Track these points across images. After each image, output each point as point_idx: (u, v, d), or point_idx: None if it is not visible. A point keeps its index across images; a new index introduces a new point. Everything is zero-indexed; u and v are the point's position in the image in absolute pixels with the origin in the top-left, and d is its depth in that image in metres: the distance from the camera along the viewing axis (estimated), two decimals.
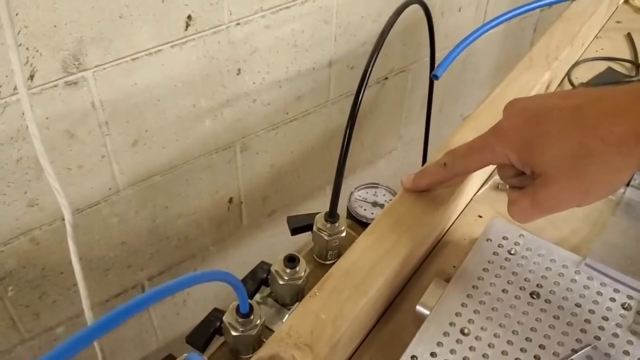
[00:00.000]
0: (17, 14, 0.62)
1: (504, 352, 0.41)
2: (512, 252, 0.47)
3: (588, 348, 0.41)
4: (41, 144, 0.54)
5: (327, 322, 0.40)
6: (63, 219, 0.80)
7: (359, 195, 0.57)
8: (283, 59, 0.90)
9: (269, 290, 0.47)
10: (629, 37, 0.79)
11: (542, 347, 0.41)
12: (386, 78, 1.09)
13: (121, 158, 0.81)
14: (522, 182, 0.42)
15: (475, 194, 0.56)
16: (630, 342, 0.42)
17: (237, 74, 0.86)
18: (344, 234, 0.48)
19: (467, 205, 0.55)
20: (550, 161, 0.38)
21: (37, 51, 0.66)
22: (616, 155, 0.36)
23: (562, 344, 0.42)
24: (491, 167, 0.57)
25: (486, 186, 0.57)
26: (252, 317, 0.42)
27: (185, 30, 0.76)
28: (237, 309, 0.42)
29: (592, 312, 0.44)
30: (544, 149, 0.38)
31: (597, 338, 0.42)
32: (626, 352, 0.41)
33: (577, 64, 0.73)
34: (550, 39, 0.68)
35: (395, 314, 0.47)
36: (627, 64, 0.73)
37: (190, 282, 0.33)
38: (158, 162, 0.85)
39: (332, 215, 0.48)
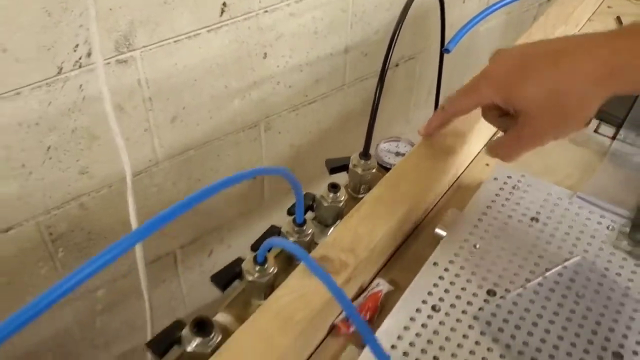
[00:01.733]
0: None
1: (510, 262, 0.50)
2: (515, 187, 0.56)
3: (577, 258, 0.50)
4: (111, 108, 0.63)
5: (363, 235, 0.48)
6: (110, 186, 0.89)
7: (384, 147, 0.66)
8: (304, 44, 0.99)
9: (313, 215, 0.56)
10: (618, 20, 0.88)
11: (540, 257, 0.50)
12: (397, 65, 1.18)
13: (161, 132, 0.90)
14: (506, 125, 0.49)
15: (482, 148, 0.65)
16: (612, 254, 0.51)
17: (264, 58, 0.95)
18: (374, 170, 0.57)
19: (475, 157, 0.64)
20: (531, 98, 0.45)
21: (94, 31, 0.75)
22: (589, 86, 0.43)
23: (556, 257, 0.50)
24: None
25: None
26: (304, 227, 0.50)
27: (220, 16, 0.85)
28: (294, 220, 0.50)
29: (581, 232, 0.52)
30: (526, 88, 0.45)
31: (586, 251, 0.51)
32: (609, 261, 0.50)
33: None
34: (547, 19, 0.77)
35: (418, 236, 0.55)
36: None
37: (251, 174, 0.41)
38: (193, 137, 0.94)
39: (365, 154, 0.57)
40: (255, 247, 0.50)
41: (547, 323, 0.45)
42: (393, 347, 0.43)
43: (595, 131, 0.66)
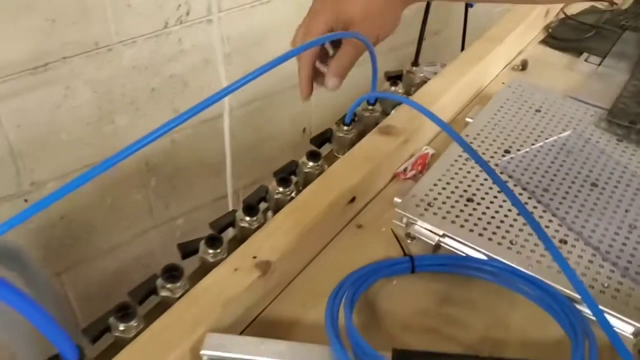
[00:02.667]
0: None
1: (519, 134, 0.69)
2: (523, 92, 0.76)
3: (569, 131, 0.70)
4: (222, 53, 0.83)
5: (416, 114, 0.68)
6: (194, 127, 1.09)
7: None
8: None
9: None
10: None
11: (542, 131, 0.70)
12: None
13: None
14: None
15: (498, 73, 0.85)
16: (594, 130, 0.70)
17: None
18: None
19: (493, 80, 0.84)
20: (353, 14, 0.59)
21: None
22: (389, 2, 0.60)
23: (554, 132, 0.70)
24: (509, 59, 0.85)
25: (506, 68, 0.86)
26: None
27: None
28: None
29: (572, 118, 0.72)
30: (349, 8, 0.59)
31: (575, 129, 0.71)
32: (591, 135, 0.70)
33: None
34: None
35: None
36: (606, 3, 1.02)
37: (325, 39, 0.60)
38: (259, 89, 1.15)
39: (415, 62, 0.77)
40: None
41: (548, 168, 0.65)
42: (430, 190, 0.62)
43: (586, 60, 0.85)
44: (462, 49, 1.00)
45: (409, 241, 0.60)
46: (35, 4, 0.82)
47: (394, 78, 0.76)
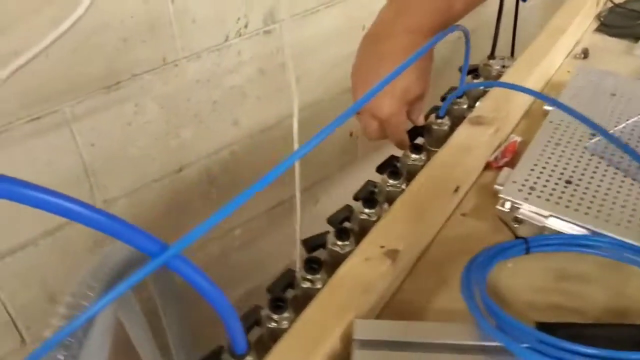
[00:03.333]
0: None
1: (602, 116, 0.72)
2: (596, 78, 0.79)
3: None
4: (291, 58, 0.86)
5: (503, 103, 0.71)
6: (251, 137, 1.12)
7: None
8: None
9: None
10: None
11: (621, 113, 0.72)
12: None
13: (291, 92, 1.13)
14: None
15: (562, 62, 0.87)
16: None
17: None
18: None
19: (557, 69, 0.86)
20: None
21: (251, 8, 0.99)
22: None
23: (633, 112, 0.72)
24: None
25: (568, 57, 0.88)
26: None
27: None
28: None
29: None
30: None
31: None
32: None
33: None
34: None
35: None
36: None
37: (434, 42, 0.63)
38: (311, 96, 1.17)
39: (492, 55, 0.80)
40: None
41: (636, 147, 0.67)
42: (529, 175, 0.64)
43: None
44: (513, 43, 1.03)
45: (515, 225, 0.62)
46: (110, 24, 0.85)
47: (472, 72, 0.79)
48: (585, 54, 0.87)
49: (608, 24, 0.94)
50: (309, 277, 0.52)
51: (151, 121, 0.96)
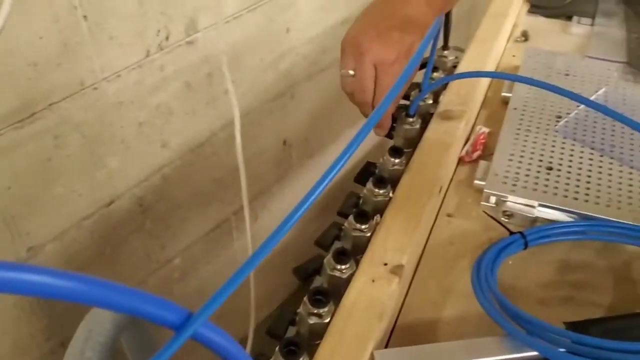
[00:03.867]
0: None
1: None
2: (543, 60, 0.78)
3: (604, 88, 0.72)
4: (226, 66, 0.78)
5: (466, 93, 0.68)
6: (181, 158, 1.03)
7: None
8: (316, 19, 1.18)
9: None
10: None
11: (580, 92, 0.72)
12: None
13: (217, 104, 1.05)
14: None
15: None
16: (623, 81, 0.73)
17: (287, 33, 1.13)
18: None
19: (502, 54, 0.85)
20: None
21: (170, 18, 0.91)
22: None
23: (590, 91, 0.72)
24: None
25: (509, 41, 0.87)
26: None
27: None
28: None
29: (600, 76, 0.75)
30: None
31: (607, 84, 0.73)
32: (624, 88, 0.72)
33: None
34: None
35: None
36: None
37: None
38: (243, 105, 1.10)
39: (445, 45, 0.77)
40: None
41: (604, 125, 0.66)
42: (508, 165, 0.62)
43: (578, 22, 0.89)
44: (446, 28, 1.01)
45: (505, 219, 0.59)
46: (15, 49, 0.74)
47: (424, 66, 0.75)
48: (525, 36, 0.86)
49: (538, 5, 0.94)
50: (315, 311, 0.46)
51: (74, 154, 0.86)
